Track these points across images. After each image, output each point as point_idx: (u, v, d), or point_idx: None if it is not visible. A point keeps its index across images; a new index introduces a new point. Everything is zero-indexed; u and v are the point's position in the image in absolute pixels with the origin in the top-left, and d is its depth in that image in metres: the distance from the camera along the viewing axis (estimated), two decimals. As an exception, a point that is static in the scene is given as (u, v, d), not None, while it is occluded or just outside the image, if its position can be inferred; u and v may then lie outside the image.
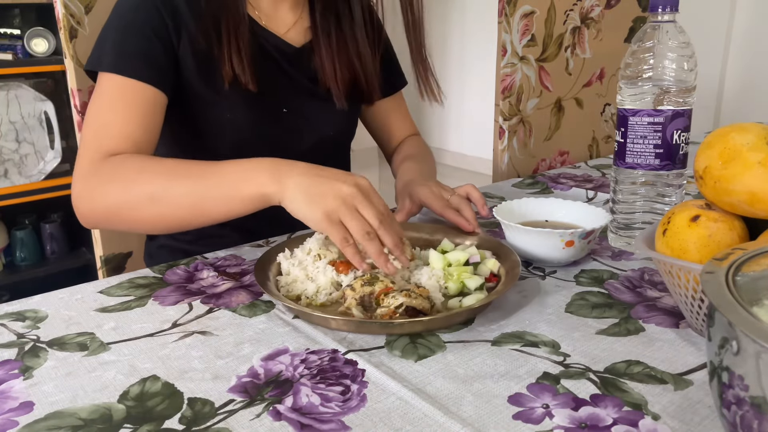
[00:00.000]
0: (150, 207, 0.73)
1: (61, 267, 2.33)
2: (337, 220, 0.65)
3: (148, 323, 0.64)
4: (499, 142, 1.28)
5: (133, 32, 0.81)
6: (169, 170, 0.74)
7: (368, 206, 0.66)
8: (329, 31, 0.95)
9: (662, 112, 0.75)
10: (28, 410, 0.50)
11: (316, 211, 0.66)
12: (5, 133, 2.15)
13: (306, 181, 0.67)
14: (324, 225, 0.66)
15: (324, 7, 0.95)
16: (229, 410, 0.50)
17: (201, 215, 0.73)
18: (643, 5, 1.43)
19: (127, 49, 0.80)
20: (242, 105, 0.89)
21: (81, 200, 0.77)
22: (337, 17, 0.96)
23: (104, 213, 0.75)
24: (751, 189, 0.56)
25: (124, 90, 0.79)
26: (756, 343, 0.35)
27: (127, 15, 0.82)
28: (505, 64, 1.22)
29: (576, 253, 0.75)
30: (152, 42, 0.82)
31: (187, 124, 0.89)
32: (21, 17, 2.28)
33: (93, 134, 0.79)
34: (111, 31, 0.82)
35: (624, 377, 0.53)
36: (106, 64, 0.80)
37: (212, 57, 0.85)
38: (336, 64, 0.94)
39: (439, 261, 0.71)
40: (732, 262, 0.43)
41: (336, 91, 0.95)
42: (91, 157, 0.77)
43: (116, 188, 0.74)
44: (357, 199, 0.66)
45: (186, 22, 0.84)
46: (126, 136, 0.78)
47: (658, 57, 0.75)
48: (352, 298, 0.64)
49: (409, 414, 0.49)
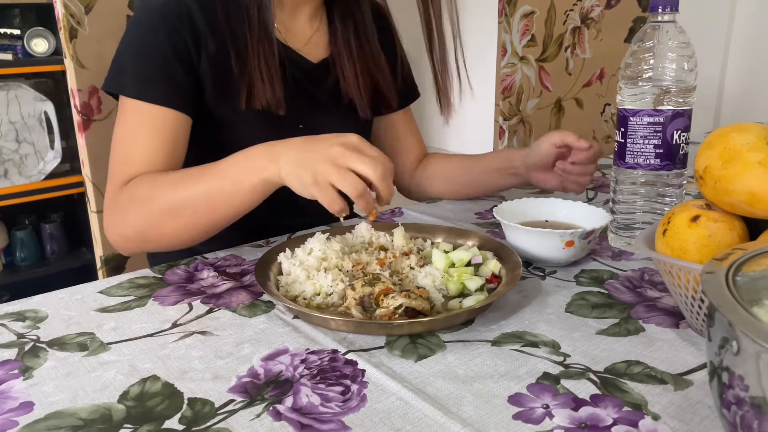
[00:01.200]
0: (170, 221, 0.74)
1: (61, 267, 2.33)
2: (326, 183, 0.66)
3: (148, 323, 0.64)
4: (499, 142, 1.28)
5: (153, 55, 0.80)
6: (176, 180, 0.75)
7: (360, 160, 0.66)
8: (349, 40, 0.94)
9: (662, 112, 0.75)
10: (28, 410, 0.50)
11: (305, 177, 0.66)
12: (5, 133, 2.15)
13: (297, 154, 0.68)
14: (313, 190, 0.66)
15: (342, 17, 0.94)
16: (229, 410, 0.50)
17: (218, 215, 0.74)
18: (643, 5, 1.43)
19: (149, 73, 0.79)
20: (260, 124, 0.88)
21: (110, 232, 0.79)
22: (355, 25, 0.95)
23: (133, 238, 0.77)
24: (751, 189, 0.56)
25: (147, 116, 0.79)
26: (756, 343, 0.35)
27: (146, 36, 0.81)
28: (505, 64, 1.22)
29: (576, 253, 0.75)
30: (173, 64, 0.80)
31: (203, 142, 0.88)
32: (21, 17, 2.28)
33: (116, 164, 0.80)
34: (130, 54, 0.81)
35: (624, 377, 0.53)
36: (129, 89, 0.79)
37: (231, 76, 0.84)
38: (358, 74, 0.94)
39: (442, 261, 0.71)
40: (732, 262, 0.43)
41: (360, 101, 0.94)
42: (114, 187, 0.79)
43: (135, 211, 0.76)
44: (346, 156, 0.66)
45: (205, 40, 0.82)
46: (149, 164, 0.79)
47: (658, 57, 0.75)
48: (352, 298, 0.64)
49: (409, 414, 0.49)
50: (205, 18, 0.82)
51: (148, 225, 0.75)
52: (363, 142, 0.68)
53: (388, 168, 0.67)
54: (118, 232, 0.78)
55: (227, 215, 0.74)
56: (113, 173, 0.80)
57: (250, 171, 0.71)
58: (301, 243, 0.75)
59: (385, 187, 0.66)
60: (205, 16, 0.82)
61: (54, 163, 2.24)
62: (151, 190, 0.76)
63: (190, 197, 0.73)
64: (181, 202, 0.73)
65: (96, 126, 0.98)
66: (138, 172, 0.78)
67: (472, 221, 0.94)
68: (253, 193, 0.72)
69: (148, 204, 0.75)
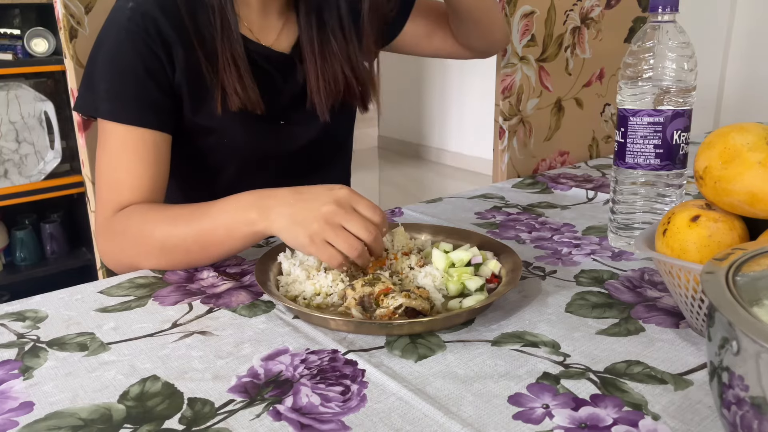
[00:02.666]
0: (163, 256, 0.76)
1: (61, 267, 2.33)
2: (322, 241, 0.66)
3: (148, 323, 0.64)
4: (499, 142, 1.28)
5: (125, 76, 0.79)
6: (169, 219, 0.76)
7: (352, 219, 0.67)
8: (312, 37, 0.91)
9: (662, 112, 0.75)
10: (28, 410, 0.50)
11: (300, 236, 0.67)
12: (5, 133, 2.15)
13: (288, 210, 0.69)
14: (311, 249, 0.67)
15: (307, 10, 0.91)
16: (229, 410, 0.50)
17: (210, 256, 0.76)
18: (643, 5, 1.43)
19: (123, 95, 0.79)
20: (240, 125, 0.87)
21: (105, 257, 0.82)
22: (320, 19, 0.91)
23: (126, 265, 0.79)
24: (751, 189, 0.56)
25: (128, 140, 0.79)
26: (756, 343, 0.35)
27: (117, 56, 0.80)
28: (505, 64, 1.22)
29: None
30: (147, 83, 0.80)
31: (186, 151, 0.88)
32: (21, 17, 2.28)
33: (103, 190, 0.81)
34: (102, 74, 0.80)
35: (624, 377, 0.53)
36: (104, 112, 0.79)
37: (204, 81, 0.83)
38: (319, 75, 0.91)
39: (442, 260, 0.71)
40: (732, 262, 0.43)
41: (319, 103, 0.92)
42: (104, 214, 0.81)
43: (129, 244, 0.78)
44: (339, 215, 0.66)
45: (176, 49, 0.81)
46: (134, 188, 0.80)
47: (658, 57, 0.75)
48: (352, 298, 0.64)
49: (409, 414, 0.49)
50: (172, 26, 0.81)
51: (142, 258, 0.77)
52: (353, 196, 0.69)
53: (379, 223, 0.68)
54: (115, 259, 0.80)
55: (220, 255, 0.76)
56: (102, 199, 0.81)
57: (240, 222, 0.72)
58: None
59: (377, 246, 0.68)
60: (171, 24, 0.81)
61: (54, 163, 2.24)
62: (143, 224, 0.77)
63: (183, 238, 0.74)
64: (174, 242, 0.75)
65: (96, 126, 0.97)
66: (127, 198, 0.79)
67: (472, 221, 0.94)
68: (245, 241, 0.73)
69: (142, 240, 0.76)
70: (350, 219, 0.67)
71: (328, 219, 0.66)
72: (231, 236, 0.73)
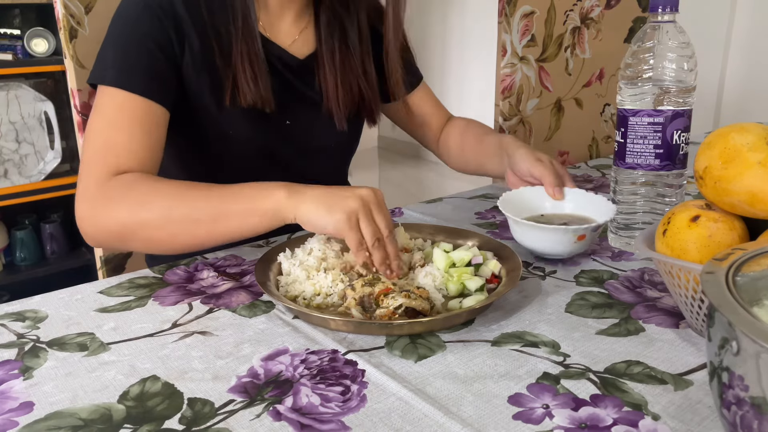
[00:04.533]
0: (164, 226, 0.72)
1: (61, 267, 2.33)
2: (356, 222, 0.67)
3: (148, 323, 0.64)
4: (499, 142, 1.28)
5: (134, 46, 0.80)
6: (183, 191, 0.73)
7: (381, 213, 0.68)
8: (333, 48, 0.92)
9: (662, 113, 0.75)
10: (28, 410, 0.50)
11: (336, 213, 0.66)
12: (5, 133, 2.15)
13: (321, 193, 0.69)
14: (344, 226, 0.66)
15: (329, 21, 0.92)
16: (229, 410, 0.50)
17: (215, 232, 0.72)
18: (643, 5, 1.43)
19: (129, 63, 0.79)
20: (245, 120, 0.88)
21: (87, 221, 0.75)
22: (342, 31, 0.93)
23: (114, 233, 0.74)
24: (751, 189, 0.56)
25: (125, 105, 0.78)
26: (756, 343, 0.35)
27: (128, 28, 0.80)
28: (505, 65, 1.22)
29: (585, 245, 0.75)
30: (154, 55, 0.80)
31: (187, 137, 0.88)
32: (21, 17, 2.28)
33: (96, 152, 0.77)
34: (112, 44, 0.81)
35: (624, 377, 0.53)
36: (109, 78, 0.79)
37: (215, 72, 0.84)
38: (339, 86, 0.92)
39: (443, 260, 0.71)
40: (732, 262, 0.43)
41: (337, 112, 0.93)
42: (96, 176, 0.75)
43: (127, 208, 0.73)
44: (373, 203, 0.68)
45: (189, 34, 0.82)
46: (130, 153, 0.77)
47: (658, 57, 0.75)
48: (352, 298, 0.64)
49: (409, 414, 0.49)
50: (189, 13, 0.82)
51: (140, 225, 0.73)
52: (378, 197, 0.70)
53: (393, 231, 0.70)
54: (100, 224, 0.74)
55: (223, 235, 0.73)
56: (91, 161, 0.76)
57: (266, 197, 0.70)
58: (301, 243, 0.75)
59: (394, 247, 0.69)
60: (188, 10, 0.82)
61: (54, 163, 2.24)
62: (150, 193, 0.74)
63: (194, 206, 0.72)
64: (183, 211, 0.72)
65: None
66: (121, 162, 0.76)
67: (472, 221, 0.94)
68: (262, 218, 0.70)
69: (146, 205, 0.73)
70: (379, 211, 0.68)
71: (366, 202, 0.68)
72: (251, 209, 0.70)
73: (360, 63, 0.94)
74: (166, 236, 0.73)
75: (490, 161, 0.99)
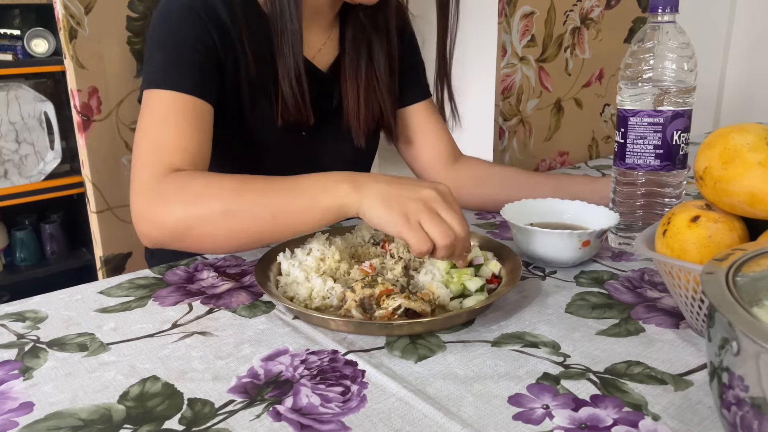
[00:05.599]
0: (223, 221, 0.69)
1: (61, 267, 2.33)
2: (417, 223, 0.63)
3: (148, 324, 0.64)
4: (499, 142, 1.28)
5: (181, 46, 0.80)
6: (241, 185, 0.71)
7: (450, 211, 0.64)
8: (358, 65, 0.92)
9: (662, 113, 0.75)
10: (28, 411, 0.50)
11: (394, 213, 0.63)
12: (5, 134, 2.15)
13: (385, 187, 0.66)
14: (403, 228, 0.63)
15: (355, 36, 0.92)
16: (229, 411, 0.50)
17: (276, 228, 0.70)
18: (643, 6, 1.43)
19: (175, 62, 0.79)
20: (266, 129, 0.88)
21: (144, 217, 0.73)
22: (368, 47, 0.92)
23: (171, 230, 0.71)
24: (751, 189, 0.56)
25: (173, 104, 0.77)
26: (756, 343, 0.35)
27: (173, 30, 0.81)
28: (505, 65, 1.22)
29: (590, 252, 0.75)
30: (197, 52, 0.80)
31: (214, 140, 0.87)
32: (21, 17, 2.28)
33: (149, 151, 0.76)
34: (159, 47, 0.81)
35: (624, 378, 0.53)
36: (155, 82, 0.78)
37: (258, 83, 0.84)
38: (361, 104, 0.92)
39: (444, 261, 0.71)
40: (732, 262, 0.43)
41: (356, 129, 0.93)
42: (151, 172, 0.74)
43: (184, 204, 0.71)
44: (437, 202, 0.64)
45: (230, 38, 0.82)
46: (182, 150, 0.76)
47: (658, 57, 0.75)
48: (352, 300, 0.64)
49: (409, 415, 0.49)
50: (231, 19, 0.82)
51: (196, 222, 0.70)
52: (452, 194, 0.67)
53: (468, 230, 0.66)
54: (157, 220, 0.72)
55: (283, 231, 0.70)
56: (144, 161, 0.75)
57: (328, 192, 0.67)
58: (301, 243, 0.75)
59: (465, 246, 0.66)
60: (230, 17, 0.82)
61: (54, 163, 2.24)
62: (207, 187, 0.72)
63: (254, 203, 0.69)
64: (241, 206, 0.69)
65: (96, 126, 0.98)
66: (173, 158, 0.75)
67: (472, 221, 0.94)
68: (324, 214, 0.68)
69: (203, 201, 0.70)
70: (448, 208, 0.65)
71: (427, 202, 0.64)
72: (313, 205, 0.67)
73: (385, 81, 0.93)
74: (223, 233, 0.70)
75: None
